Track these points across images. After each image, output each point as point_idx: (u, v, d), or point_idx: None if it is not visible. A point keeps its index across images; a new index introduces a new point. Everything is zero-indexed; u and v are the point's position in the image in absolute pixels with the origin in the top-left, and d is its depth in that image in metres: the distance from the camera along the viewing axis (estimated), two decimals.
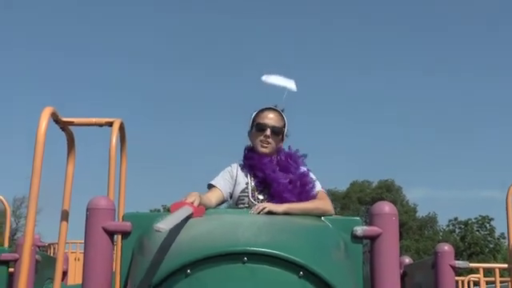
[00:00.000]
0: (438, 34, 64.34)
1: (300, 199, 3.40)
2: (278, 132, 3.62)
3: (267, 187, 3.51)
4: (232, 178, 3.60)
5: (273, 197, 3.43)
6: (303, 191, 3.47)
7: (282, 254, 2.56)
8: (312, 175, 3.59)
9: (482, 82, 64.29)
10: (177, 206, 2.84)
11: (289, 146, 3.70)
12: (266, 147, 3.60)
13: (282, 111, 3.73)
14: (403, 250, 42.29)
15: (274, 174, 3.51)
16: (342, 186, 57.06)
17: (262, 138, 3.59)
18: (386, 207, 2.95)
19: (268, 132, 3.58)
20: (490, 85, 63.93)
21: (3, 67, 63.61)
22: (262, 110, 3.69)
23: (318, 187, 3.56)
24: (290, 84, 3.94)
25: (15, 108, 62.53)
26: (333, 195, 55.96)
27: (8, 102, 63.58)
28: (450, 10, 65.67)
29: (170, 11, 66.96)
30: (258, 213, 3.08)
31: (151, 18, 66.84)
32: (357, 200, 55.03)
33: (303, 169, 3.58)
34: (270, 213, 3.10)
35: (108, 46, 66.12)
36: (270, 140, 3.59)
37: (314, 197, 3.45)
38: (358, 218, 3.03)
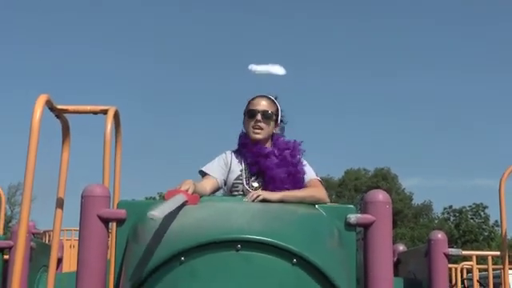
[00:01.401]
0: (434, 27, 64.36)
1: (293, 187, 3.41)
2: (269, 117, 3.62)
3: (261, 174, 3.52)
4: (226, 165, 3.61)
5: (267, 184, 3.44)
6: (296, 179, 3.49)
7: (276, 241, 2.57)
8: (306, 163, 3.61)
9: (476, 73, 64.38)
10: (171, 194, 2.85)
11: (294, 140, 3.71)
12: (258, 133, 3.60)
13: (275, 98, 3.74)
14: (398, 238, 42.45)
15: (267, 161, 3.52)
16: (337, 175, 57.22)
17: (252, 123, 3.60)
18: (380, 195, 2.97)
19: (259, 117, 3.59)
20: (483, 76, 64.02)
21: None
22: (253, 98, 3.72)
23: (313, 175, 3.58)
24: (277, 69, 3.95)
25: (10, 96, 62.39)
26: (327, 183, 56.05)
27: (3, 90, 63.40)
28: (446, 7, 65.65)
29: (168, 3, 66.73)
30: (253, 200, 3.09)
31: (148, 10, 66.60)
32: (353, 188, 55.13)
33: (298, 157, 3.59)
34: (264, 201, 3.11)
35: (104, 36, 65.88)
36: (261, 125, 3.59)
37: (305, 185, 3.47)
38: (351, 206, 3.04)
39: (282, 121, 3.73)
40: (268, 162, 3.51)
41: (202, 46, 64.99)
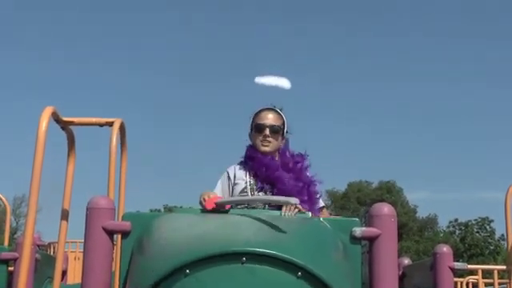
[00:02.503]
0: (438, 37, 64.38)
1: (307, 203, 3.45)
2: (276, 131, 3.66)
3: (271, 186, 3.54)
4: (230, 181, 3.63)
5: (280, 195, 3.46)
6: (311, 198, 3.52)
7: (281, 254, 2.57)
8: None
9: (482, 85, 64.33)
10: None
11: (305, 151, 3.75)
12: (266, 146, 3.64)
13: (281, 110, 3.76)
14: (403, 251, 42.26)
15: (277, 172, 3.55)
16: (342, 187, 57.16)
17: (261, 138, 3.63)
18: (385, 208, 2.96)
19: (267, 132, 3.63)
20: (489, 87, 63.95)
21: (5, 67, 63.71)
22: (260, 111, 3.74)
23: (322, 203, 3.65)
24: (283, 82, 4.00)
25: (16, 107, 62.60)
26: (333, 196, 56.03)
27: (9, 101, 63.63)
28: (448, 11, 65.71)
29: (170, 11, 66.98)
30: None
31: (153, 21, 66.86)
32: (356, 200, 55.02)
33: (312, 177, 3.63)
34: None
35: (109, 49, 66.18)
36: (269, 139, 3.64)
37: (318, 209, 3.53)
38: (356, 219, 3.03)
39: (287, 132, 3.75)
40: (278, 173, 3.53)
41: (201, 57, 65.18)
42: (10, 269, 4.69)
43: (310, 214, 3.35)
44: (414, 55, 65.57)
